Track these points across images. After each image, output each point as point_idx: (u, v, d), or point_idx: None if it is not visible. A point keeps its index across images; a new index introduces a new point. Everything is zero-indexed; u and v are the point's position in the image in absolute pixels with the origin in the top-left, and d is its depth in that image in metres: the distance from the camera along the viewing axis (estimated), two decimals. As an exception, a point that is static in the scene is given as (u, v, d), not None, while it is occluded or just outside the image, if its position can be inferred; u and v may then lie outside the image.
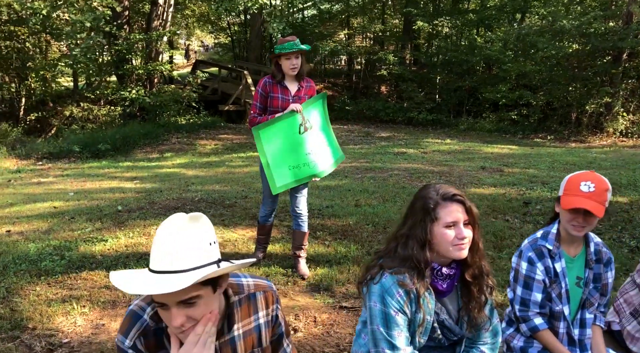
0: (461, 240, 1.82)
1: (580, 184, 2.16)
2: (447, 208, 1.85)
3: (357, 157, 10.44)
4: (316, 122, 4.08)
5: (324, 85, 23.81)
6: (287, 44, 3.79)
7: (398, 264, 1.88)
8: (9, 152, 11.65)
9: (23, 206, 6.64)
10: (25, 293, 3.83)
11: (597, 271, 2.33)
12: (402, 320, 1.84)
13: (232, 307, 1.56)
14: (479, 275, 1.93)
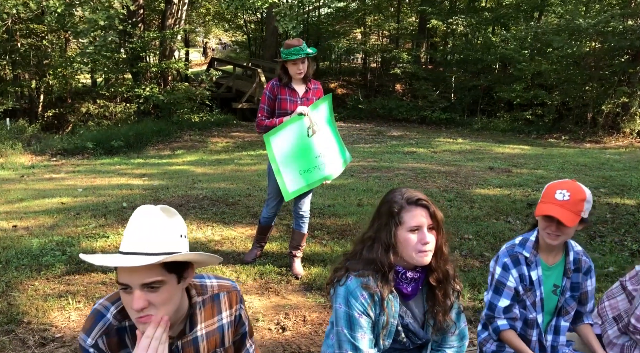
0: (424, 245, 1.83)
1: (556, 192, 2.14)
2: (411, 212, 1.86)
3: (366, 156, 10.43)
4: (323, 123, 4.09)
5: (339, 83, 23.80)
6: (293, 50, 3.78)
7: (363, 267, 1.90)
8: (24, 148, 11.88)
9: (32, 201, 6.78)
10: (24, 288, 3.92)
11: (575, 280, 2.31)
12: (365, 323, 1.86)
13: (194, 308, 1.59)
14: (444, 280, 1.94)
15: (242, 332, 1.74)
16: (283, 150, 3.97)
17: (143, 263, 1.32)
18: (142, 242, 1.39)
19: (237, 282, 4.09)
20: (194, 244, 4.83)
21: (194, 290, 1.61)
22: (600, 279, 4.28)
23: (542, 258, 2.28)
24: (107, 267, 4.31)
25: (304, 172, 4.01)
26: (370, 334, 1.88)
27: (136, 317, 1.41)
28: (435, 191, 6.99)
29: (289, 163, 3.99)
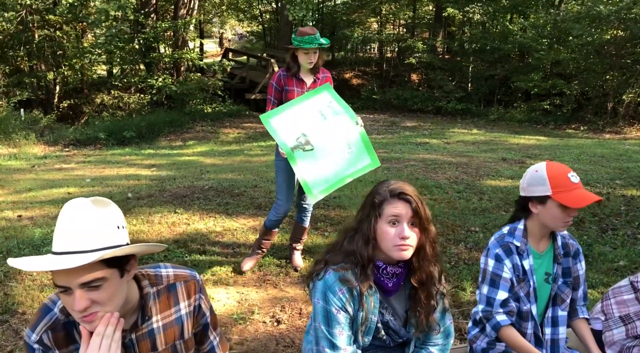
0: (402, 240, 1.73)
1: (569, 177, 2.03)
2: (391, 205, 1.76)
3: (377, 147, 10.22)
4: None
5: (354, 73, 23.59)
6: (307, 38, 3.55)
7: (342, 259, 1.82)
8: (37, 139, 11.97)
9: (39, 191, 6.80)
10: (21, 278, 3.91)
11: (566, 265, 2.22)
12: (343, 319, 1.78)
13: (146, 299, 1.51)
14: (426, 282, 1.84)
15: (203, 323, 1.67)
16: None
17: (78, 264, 1.23)
18: (75, 240, 1.30)
19: (239, 275, 4.05)
20: (194, 235, 4.79)
21: (145, 281, 1.53)
22: (610, 273, 4.14)
23: (532, 246, 2.18)
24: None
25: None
26: (349, 330, 1.79)
27: (80, 317, 1.33)
28: (445, 182, 6.85)
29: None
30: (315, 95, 3.67)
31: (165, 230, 4.94)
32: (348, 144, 3.56)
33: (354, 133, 3.62)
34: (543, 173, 2.09)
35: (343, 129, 3.57)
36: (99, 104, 16.90)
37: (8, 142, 11.50)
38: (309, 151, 3.46)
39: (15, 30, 13.72)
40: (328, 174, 3.42)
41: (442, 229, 5.05)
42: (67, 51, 15.44)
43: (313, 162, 3.43)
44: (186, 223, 5.12)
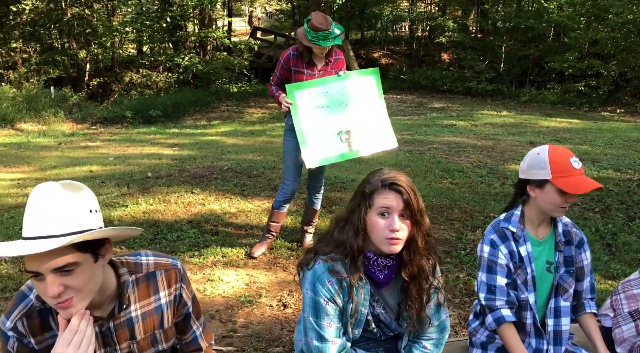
0: (392, 232, 1.65)
1: (570, 161, 1.93)
2: (382, 195, 1.68)
3: (401, 129, 10.12)
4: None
5: (383, 52, 23.22)
6: (322, 34, 3.40)
7: (331, 249, 1.75)
8: (66, 116, 12.17)
9: (63, 169, 6.92)
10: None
11: (568, 253, 2.10)
12: (332, 310, 1.72)
13: (123, 287, 1.48)
14: (418, 275, 1.76)
15: (185, 313, 1.63)
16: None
17: (47, 249, 1.19)
18: (45, 224, 1.26)
19: (247, 258, 4.03)
20: (209, 216, 4.79)
21: (124, 268, 1.50)
22: (633, 264, 3.98)
23: (530, 233, 2.07)
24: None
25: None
26: (338, 322, 1.74)
27: (55, 303, 1.30)
28: (467, 166, 6.69)
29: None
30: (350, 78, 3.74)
31: (180, 210, 4.96)
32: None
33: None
34: (544, 156, 1.98)
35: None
36: (127, 82, 17.10)
37: (38, 119, 11.74)
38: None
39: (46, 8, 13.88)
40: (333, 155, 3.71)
41: (460, 215, 4.93)
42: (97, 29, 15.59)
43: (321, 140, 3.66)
44: (202, 204, 5.13)
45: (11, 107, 11.66)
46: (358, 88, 3.77)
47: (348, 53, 18.18)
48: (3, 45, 14.04)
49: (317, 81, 3.66)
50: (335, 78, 3.67)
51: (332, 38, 3.45)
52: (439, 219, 4.80)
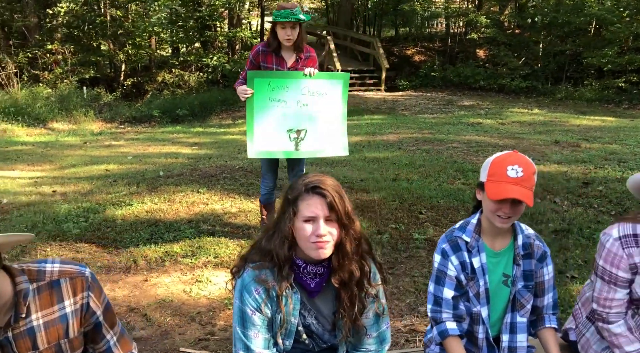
0: (318, 238, 1.58)
1: (507, 169, 1.82)
2: (306, 201, 1.61)
3: (422, 128, 9.93)
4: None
5: (416, 49, 22.87)
6: (284, 12, 3.47)
7: (260, 258, 1.69)
8: (96, 116, 12.49)
9: (81, 168, 7.07)
10: (35, 254, 4.06)
11: (527, 267, 1.98)
12: (259, 320, 1.66)
13: (19, 296, 1.44)
14: (349, 282, 1.68)
15: (94, 322, 1.57)
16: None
17: None
18: None
19: (239, 257, 4.01)
20: (209, 216, 4.80)
21: (24, 276, 1.45)
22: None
23: (487, 243, 1.96)
24: (120, 237, 4.38)
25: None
26: (266, 333, 1.68)
27: None
28: (484, 166, 6.48)
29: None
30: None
31: (182, 210, 4.98)
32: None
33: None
34: (491, 158, 1.90)
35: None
36: (160, 82, 17.42)
37: (69, 119, 12.09)
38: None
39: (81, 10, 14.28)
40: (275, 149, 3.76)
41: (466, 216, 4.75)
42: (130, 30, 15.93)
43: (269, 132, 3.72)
44: (205, 203, 5.14)
45: (44, 106, 12.05)
46: (321, 90, 3.75)
47: (378, 50, 18.01)
48: (40, 47, 14.53)
49: (281, 73, 3.66)
50: (300, 75, 3.65)
51: (293, 17, 3.47)
52: (442, 221, 4.67)
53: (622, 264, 1.88)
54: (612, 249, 1.89)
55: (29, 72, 14.56)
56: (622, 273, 1.89)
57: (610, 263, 1.90)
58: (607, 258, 1.91)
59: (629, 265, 1.88)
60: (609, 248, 1.90)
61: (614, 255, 1.89)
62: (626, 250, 1.88)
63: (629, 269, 1.88)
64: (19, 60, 14.55)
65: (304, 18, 3.53)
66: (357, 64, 19.31)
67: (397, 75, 19.23)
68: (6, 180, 6.38)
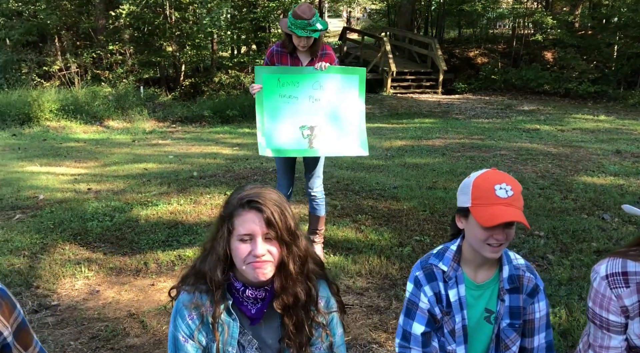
0: (256, 258, 1.40)
1: (495, 188, 1.58)
2: (242, 217, 1.44)
3: (473, 133, 9.48)
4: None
5: (479, 51, 22.08)
6: (300, 23, 3.25)
7: (194, 280, 1.52)
8: (150, 115, 12.81)
9: (122, 166, 7.20)
10: (54, 251, 4.09)
11: (514, 304, 1.71)
12: (192, 349, 1.50)
13: None
14: (294, 307, 1.49)
15: (2, 344, 1.44)
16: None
17: None
18: None
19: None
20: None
21: None
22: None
23: (468, 274, 1.71)
24: (138, 238, 4.36)
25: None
26: None
27: None
28: (530, 176, 6.05)
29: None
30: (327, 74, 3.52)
31: (205, 212, 4.91)
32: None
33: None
34: (471, 179, 1.66)
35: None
36: (217, 83, 17.70)
37: (124, 117, 12.47)
38: None
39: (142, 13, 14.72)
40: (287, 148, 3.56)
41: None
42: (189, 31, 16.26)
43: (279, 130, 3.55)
44: (228, 207, 5.05)
45: (102, 105, 12.48)
46: (336, 86, 3.54)
47: (436, 52, 17.50)
48: (103, 47, 15.11)
49: (291, 69, 3.48)
50: (311, 70, 3.46)
51: (309, 29, 3.26)
52: (472, 235, 4.33)
53: (612, 307, 1.59)
54: (600, 289, 1.61)
55: (92, 72, 15.17)
56: (614, 317, 1.60)
57: (600, 305, 1.62)
58: (596, 300, 1.63)
59: (620, 308, 1.58)
60: (596, 288, 1.62)
61: (602, 296, 1.61)
62: (614, 290, 1.58)
63: (620, 312, 1.59)
64: (84, 60, 15.18)
65: (321, 27, 3.31)
66: (414, 65, 18.86)
67: (456, 78, 18.63)
68: (50, 176, 6.58)
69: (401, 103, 14.88)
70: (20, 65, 14.91)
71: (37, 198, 5.53)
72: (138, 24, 15.07)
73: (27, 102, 11.75)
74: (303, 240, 1.51)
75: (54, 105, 11.87)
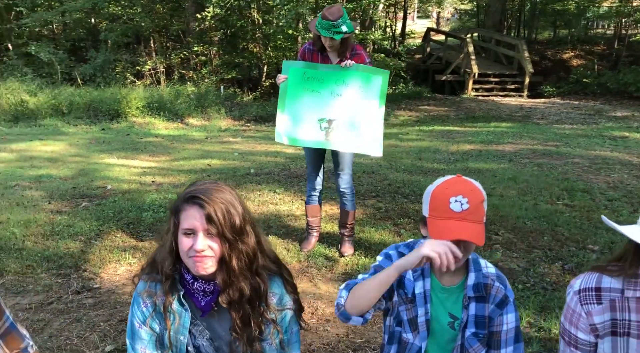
0: (196, 252, 1.43)
1: (450, 201, 1.50)
2: (185, 212, 1.49)
3: (548, 139, 8.95)
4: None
5: (574, 53, 20.81)
6: (325, 24, 3.34)
7: (150, 269, 1.58)
8: (226, 113, 13.31)
9: (189, 161, 7.55)
10: (107, 238, 4.38)
11: (480, 313, 1.62)
12: (146, 335, 1.57)
13: None
14: (239, 302, 1.50)
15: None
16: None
17: None
18: None
19: (284, 261, 3.93)
20: (271, 216, 4.80)
21: None
22: None
23: (435, 275, 1.65)
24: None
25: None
26: (154, 349, 1.59)
27: None
28: (600, 187, 5.63)
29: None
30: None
31: (251, 208, 4.97)
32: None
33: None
34: (431, 189, 1.57)
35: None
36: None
37: (203, 115, 13.05)
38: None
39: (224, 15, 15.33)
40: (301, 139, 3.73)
41: (548, 242, 4.16)
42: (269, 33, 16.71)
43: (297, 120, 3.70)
44: (274, 204, 5.16)
45: (184, 103, 13.16)
46: (359, 84, 3.58)
47: (522, 54, 16.72)
48: (189, 48, 15.90)
49: (318, 65, 3.59)
50: (337, 67, 3.54)
51: (333, 31, 3.34)
52: (516, 245, 4.12)
53: (581, 323, 1.51)
54: (571, 305, 1.53)
55: (179, 71, 16.01)
56: (582, 334, 1.52)
57: (569, 321, 1.54)
58: (567, 315, 1.55)
59: (590, 326, 1.49)
60: (568, 303, 1.54)
61: (572, 311, 1.53)
62: (585, 306, 1.50)
63: (589, 330, 1.50)
64: (172, 61, 16.07)
65: (346, 30, 3.37)
66: (499, 67, 18.15)
67: (544, 80, 17.69)
68: (122, 169, 7.03)
69: (480, 106, 14.37)
70: (115, 64, 16.04)
71: (105, 188, 5.93)
72: (222, 26, 15.69)
73: (117, 99, 12.64)
74: (253, 238, 1.53)
75: (140, 102, 12.68)
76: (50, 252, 4.07)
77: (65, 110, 12.49)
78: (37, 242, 4.27)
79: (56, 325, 3.14)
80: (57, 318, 3.22)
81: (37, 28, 17.11)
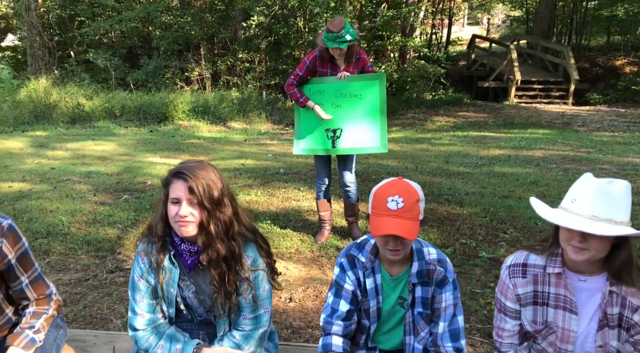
0: (180, 218, 1.76)
1: (387, 200, 1.75)
2: (173, 184, 1.82)
3: (582, 146, 8.90)
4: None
5: (628, 60, 20.21)
6: (330, 36, 3.71)
7: (147, 232, 1.93)
8: (267, 118, 13.79)
9: (225, 161, 7.98)
10: (141, 226, 4.81)
11: (424, 294, 1.89)
12: (143, 287, 1.90)
13: None
14: (217, 261, 1.82)
15: (7, 265, 1.88)
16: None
17: None
18: None
19: (297, 252, 4.24)
20: (291, 211, 5.11)
21: None
22: None
23: (385, 268, 1.92)
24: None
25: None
26: (150, 299, 1.92)
27: None
28: (621, 191, 5.65)
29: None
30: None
31: (274, 203, 5.38)
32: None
33: None
34: (375, 189, 1.84)
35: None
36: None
37: (245, 119, 13.57)
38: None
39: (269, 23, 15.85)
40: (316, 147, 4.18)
41: (555, 242, 4.28)
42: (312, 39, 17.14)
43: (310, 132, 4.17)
44: (297, 200, 5.48)
45: (227, 107, 13.73)
46: (355, 92, 3.97)
47: (568, 60, 16.45)
48: (234, 55, 16.53)
49: (318, 80, 4.02)
50: (334, 79, 3.95)
51: (339, 41, 3.70)
52: (522, 242, 4.27)
53: (509, 294, 1.79)
54: (502, 277, 1.82)
55: (224, 78, 16.66)
56: (510, 303, 1.80)
57: (500, 291, 1.83)
58: (499, 286, 1.84)
59: (515, 296, 1.78)
60: (500, 275, 1.83)
61: (502, 283, 1.82)
62: (512, 279, 1.78)
63: (515, 300, 1.78)
64: (218, 68, 16.74)
65: (350, 38, 3.72)
66: (544, 74, 17.89)
67: (591, 88, 17.31)
68: (163, 166, 7.53)
69: (520, 112, 14.26)
70: (166, 70, 16.84)
71: (145, 183, 6.42)
72: (267, 34, 16.23)
73: (165, 103, 13.33)
74: (230, 209, 1.84)
75: (186, 106, 13.33)
76: (91, 237, 4.54)
77: (117, 113, 13.29)
78: (81, 228, 4.75)
79: (90, 298, 3.56)
80: (91, 292, 3.64)
81: (96, 36, 18.16)
